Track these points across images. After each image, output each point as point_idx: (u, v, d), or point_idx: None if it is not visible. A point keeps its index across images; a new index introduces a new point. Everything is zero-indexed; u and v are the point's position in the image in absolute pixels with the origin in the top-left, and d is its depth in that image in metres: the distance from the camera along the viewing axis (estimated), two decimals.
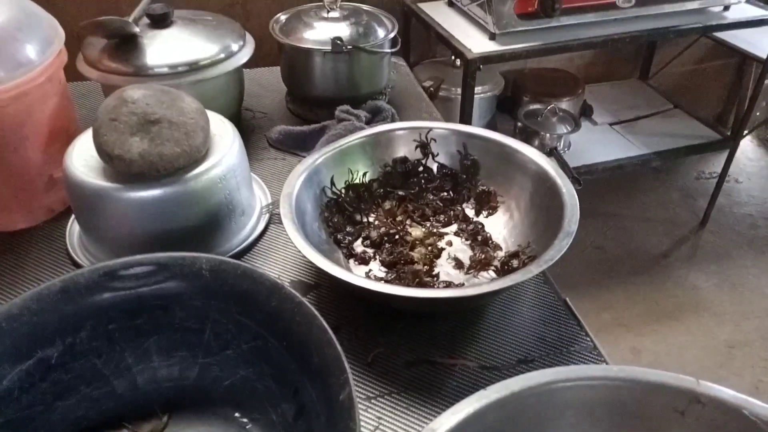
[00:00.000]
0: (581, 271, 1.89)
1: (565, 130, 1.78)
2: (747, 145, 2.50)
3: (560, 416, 0.45)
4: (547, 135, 1.77)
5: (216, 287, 0.55)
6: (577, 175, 1.72)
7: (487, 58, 1.44)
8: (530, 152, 0.75)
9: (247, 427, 0.54)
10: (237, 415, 0.55)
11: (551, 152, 1.77)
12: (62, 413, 0.53)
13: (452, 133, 0.80)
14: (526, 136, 1.80)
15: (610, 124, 1.97)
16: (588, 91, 2.03)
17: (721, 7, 1.63)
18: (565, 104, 1.86)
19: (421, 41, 1.89)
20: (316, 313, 0.50)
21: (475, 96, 1.73)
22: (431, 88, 1.71)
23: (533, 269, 0.59)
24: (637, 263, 1.92)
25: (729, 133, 1.95)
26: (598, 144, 1.87)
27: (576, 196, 0.68)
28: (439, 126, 0.80)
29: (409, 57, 1.83)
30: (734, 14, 1.63)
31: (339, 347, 0.47)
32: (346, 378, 0.45)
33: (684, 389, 0.43)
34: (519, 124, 1.81)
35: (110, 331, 0.55)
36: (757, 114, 2.43)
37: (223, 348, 0.56)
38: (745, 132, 1.91)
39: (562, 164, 1.74)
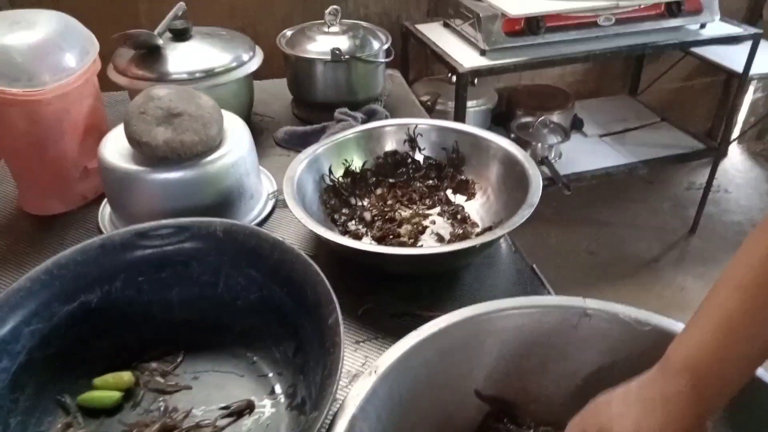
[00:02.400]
0: (574, 275, 1.97)
1: (556, 141, 1.89)
2: (737, 157, 2.59)
3: (482, 344, 0.55)
4: (539, 145, 1.88)
5: (228, 245, 0.65)
6: (567, 182, 1.82)
7: (478, 72, 1.56)
8: (501, 141, 0.86)
9: (254, 361, 0.64)
10: (246, 353, 0.65)
11: (542, 161, 1.87)
12: (99, 350, 0.64)
13: (433, 128, 0.91)
14: (519, 146, 1.90)
15: (600, 136, 2.08)
16: (579, 106, 2.14)
17: (698, 25, 1.74)
18: (556, 117, 1.97)
19: (419, 60, 2.02)
20: (310, 260, 0.60)
21: (470, 109, 1.85)
22: (428, 102, 1.83)
23: (498, 232, 0.69)
24: (627, 267, 2.01)
25: (714, 144, 2.05)
26: (588, 154, 1.97)
27: (540, 176, 0.79)
28: (422, 122, 0.92)
29: (408, 74, 1.96)
30: (709, 32, 1.74)
31: (328, 284, 0.57)
32: (333, 306, 0.55)
33: (574, 306, 0.53)
34: (512, 135, 1.91)
35: (140, 282, 0.65)
36: (749, 127, 2.54)
37: (234, 299, 0.66)
38: (732, 138, 2.00)
39: (553, 172, 1.84)
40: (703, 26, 1.75)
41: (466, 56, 1.60)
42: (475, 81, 1.86)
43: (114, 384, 0.61)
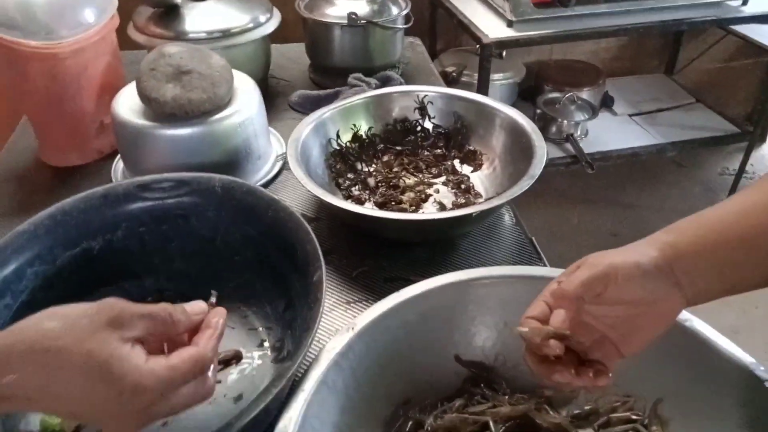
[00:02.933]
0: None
1: (582, 118, 1.85)
2: None
3: (464, 310, 0.55)
4: (564, 122, 1.84)
5: (226, 201, 0.67)
6: (590, 161, 1.79)
7: (503, 44, 1.53)
8: (509, 111, 0.84)
9: (247, 315, 0.66)
10: (240, 307, 0.67)
11: (567, 138, 1.84)
12: (100, 295, 0.65)
13: (442, 96, 0.90)
14: (545, 123, 1.87)
15: (630, 115, 2.03)
16: (611, 83, 2.09)
17: (740, 1, 1.67)
18: (585, 94, 1.92)
19: (448, 30, 1.99)
20: (302, 219, 0.61)
21: (496, 82, 1.82)
22: (454, 73, 1.81)
23: (495, 201, 0.69)
24: None
25: (750, 128, 1.98)
26: (616, 132, 1.93)
27: (545, 148, 0.78)
28: (431, 90, 0.91)
29: (435, 44, 1.93)
30: (752, 8, 1.66)
31: (317, 243, 0.58)
32: (319, 264, 0.56)
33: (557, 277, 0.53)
34: (538, 111, 1.88)
35: (141, 233, 0.67)
36: None
37: (232, 255, 0.68)
38: None
39: (577, 149, 1.81)
40: (745, 2, 1.67)
41: (492, 27, 1.57)
42: (503, 54, 1.83)
43: None
